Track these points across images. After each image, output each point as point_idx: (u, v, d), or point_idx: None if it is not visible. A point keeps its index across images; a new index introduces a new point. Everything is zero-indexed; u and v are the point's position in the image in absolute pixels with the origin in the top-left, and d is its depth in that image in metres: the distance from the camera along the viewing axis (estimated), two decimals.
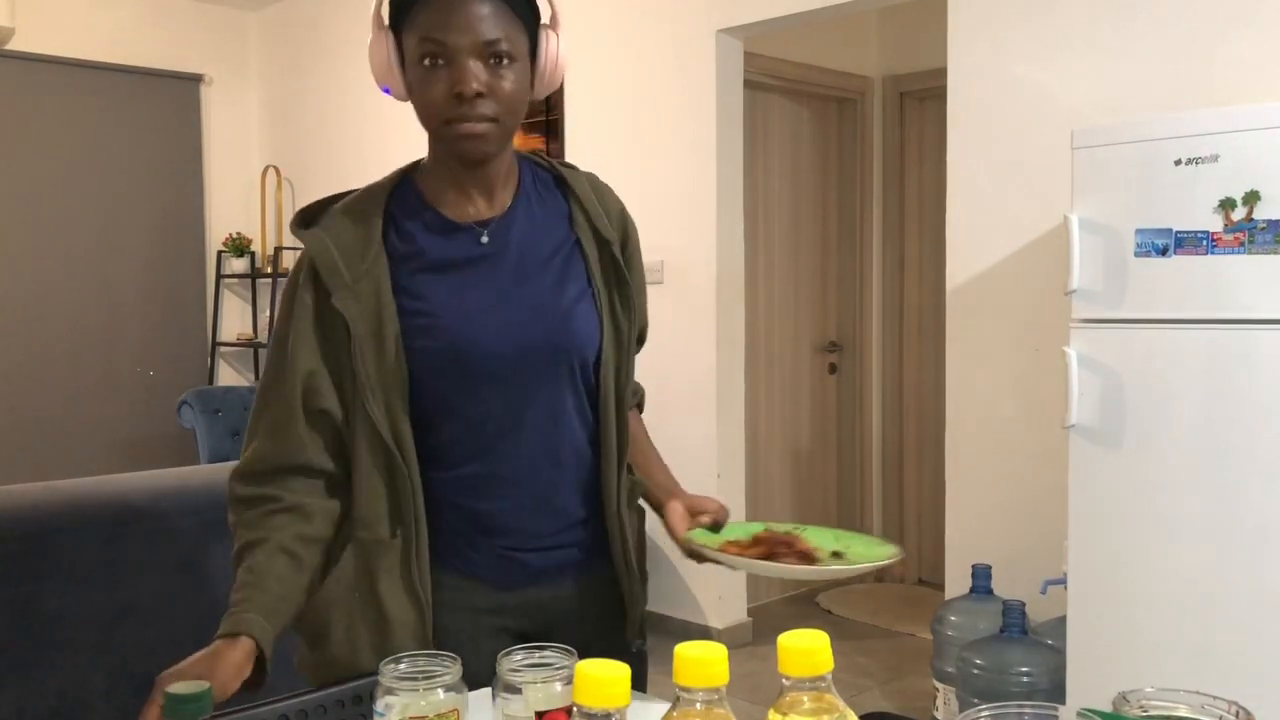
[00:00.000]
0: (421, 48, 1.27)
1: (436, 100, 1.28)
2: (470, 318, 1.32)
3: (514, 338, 1.33)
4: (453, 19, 1.26)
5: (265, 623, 1.25)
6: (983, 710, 0.76)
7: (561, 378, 1.38)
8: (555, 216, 1.42)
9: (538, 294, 1.36)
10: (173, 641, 2.22)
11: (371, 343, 1.30)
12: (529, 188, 1.42)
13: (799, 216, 4.87)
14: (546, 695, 0.98)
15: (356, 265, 1.31)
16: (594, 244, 1.42)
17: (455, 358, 1.31)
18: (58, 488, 2.20)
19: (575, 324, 1.37)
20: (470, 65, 1.26)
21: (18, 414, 5.22)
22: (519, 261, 1.37)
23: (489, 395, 1.34)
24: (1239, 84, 2.80)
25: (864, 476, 5.11)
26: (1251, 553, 2.29)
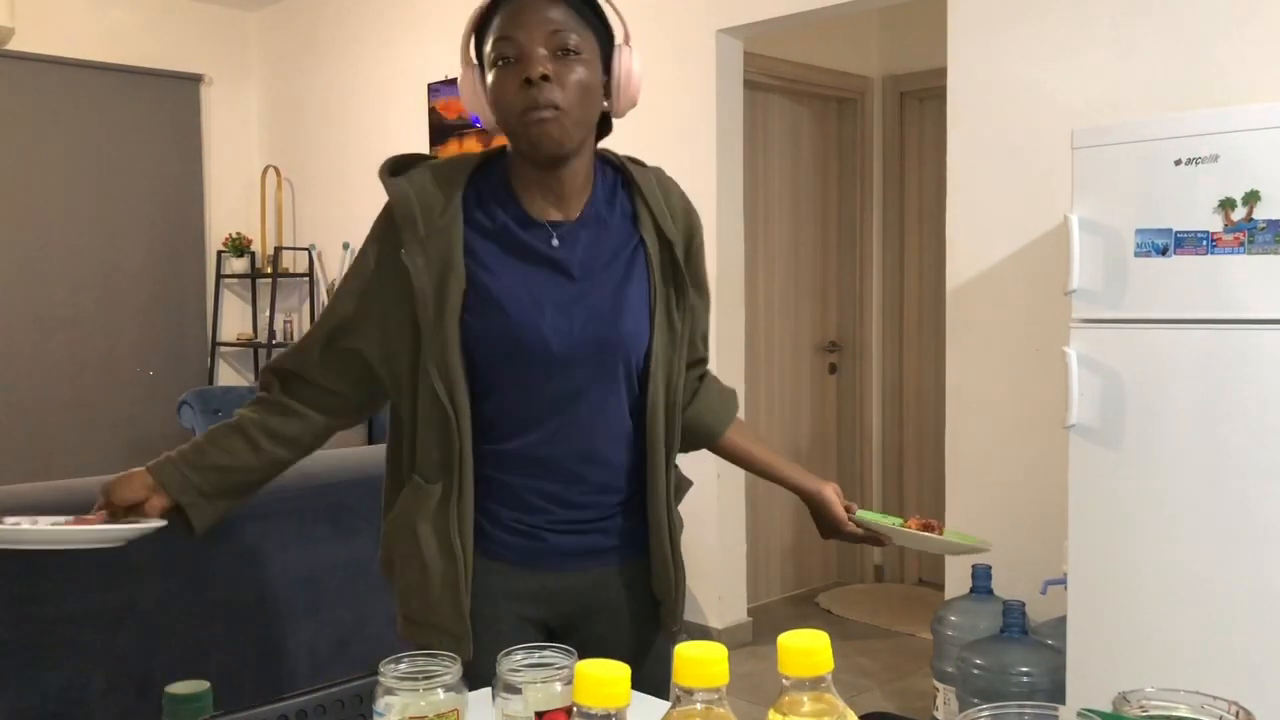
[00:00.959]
0: (495, 50, 1.35)
1: (508, 93, 1.34)
2: (529, 309, 1.37)
3: (567, 337, 1.38)
4: (522, 17, 1.33)
5: (178, 472, 1.46)
6: (983, 710, 0.75)
7: (610, 374, 1.42)
8: (621, 218, 1.46)
9: (595, 299, 1.41)
10: (173, 641, 2.23)
11: (434, 299, 1.35)
12: (600, 194, 1.46)
13: (799, 216, 4.87)
14: (546, 695, 0.98)
15: (434, 220, 1.37)
16: (657, 243, 1.46)
17: (508, 341, 1.37)
18: (58, 488, 2.20)
19: (627, 326, 1.42)
20: (538, 52, 1.32)
21: (18, 414, 5.22)
22: (582, 266, 1.41)
23: (536, 382, 1.39)
24: (1239, 84, 2.80)
25: (864, 476, 5.11)
26: (1252, 552, 2.29)
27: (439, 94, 4.97)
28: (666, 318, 1.45)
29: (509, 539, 1.43)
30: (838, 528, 1.55)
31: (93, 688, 2.13)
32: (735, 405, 1.67)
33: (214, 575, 2.31)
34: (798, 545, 4.92)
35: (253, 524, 2.36)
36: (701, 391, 1.62)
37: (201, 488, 1.46)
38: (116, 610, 2.17)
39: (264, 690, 1.20)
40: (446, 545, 1.39)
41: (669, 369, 1.46)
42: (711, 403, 1.62)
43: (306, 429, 1.49)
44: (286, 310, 5.91)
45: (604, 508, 1.46)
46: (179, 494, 1.45)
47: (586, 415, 1.42)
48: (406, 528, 1.41)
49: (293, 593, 2.43)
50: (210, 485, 1.47)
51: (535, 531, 1.44)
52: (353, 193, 5.54)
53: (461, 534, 1.39)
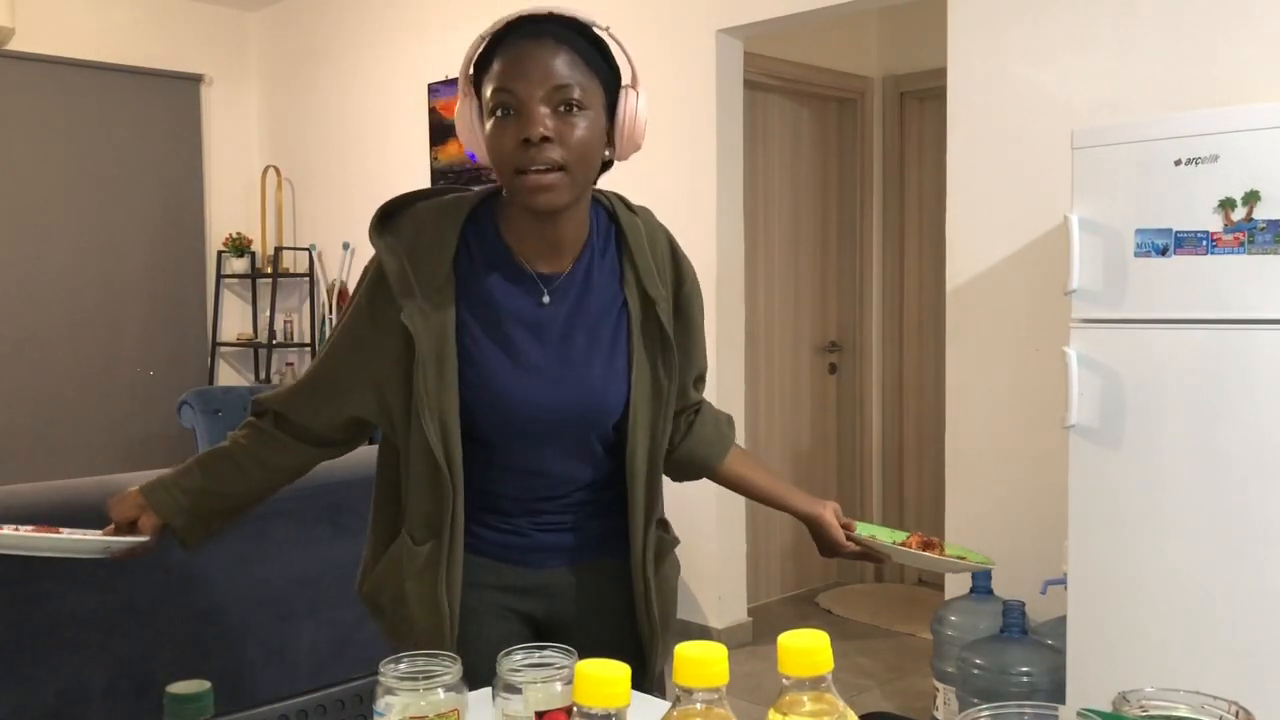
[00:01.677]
0: (494, 99, 1.30)
1: (506, 149, 1.29)
2: (518, 386, 1.37)
3: (554, 411, 1.39)
4: (524, 66, 1.28)
5: (168, 495, 1.48)
6: (983, 710, 0.75)
7: (586, 440, 1.44)
8: (608, 277, 1.44)
9: (578, 365, 1.40)
10: (173, 641, 2.23)
11: (434, 363, 1.34)
12: (594, 244, 1.43)
13: (799, 216, 4.87)
14: (546, 695, 0.98)
15: (428, 283, 1.35)
16: (639, 304, 1.43)
17: (499, 415, 1.38)
18: (58, 488, 2.20)
19: (608, 396, 1.42)
20: (538, 111, 1.27)
21: (18, 414, 5.23)
22: (568, 325, 1.40)
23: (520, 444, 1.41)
24: (1239, 84, 2.80)
25: (864, 476, 5.11)
26: (1251, 552, 2.29)
27: (439, 94, 4.97)
28: (651, 380, 1.43)
29: (491, 535, 1.46)
30: (835, 548, 1.55)
31: (93, 688, 2.13)
32: (731, 434, 1.65)
33: (215, 575, 2.31)
34: (798, 545, 4.92)
35: (252, 524, 2.36)
36: (696, 425, 1.61)
37: (191, 510, 1.48)
38: (116, 610, 2.17)
39: (264, 690, 1.20)
40: (433, 605, 1.39)
41: (651, 431, 1.45)
42: (706, 435, 1.61)
43: (296, 459, 1.51)
44: (286, 310, 5.91)
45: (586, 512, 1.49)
46: (168, 516, 1.48)
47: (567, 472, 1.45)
48: (393, 580, 1.43)
49: (293, 593, 2.43)
50: (199, 508, 1.49)
51: (518, 528, 1.47)
52: (353, 193, 5.54)
53: (450, 593, 1.39)
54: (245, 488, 1.50)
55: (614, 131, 1.36)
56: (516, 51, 1.29)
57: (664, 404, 1.45)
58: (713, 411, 1.65)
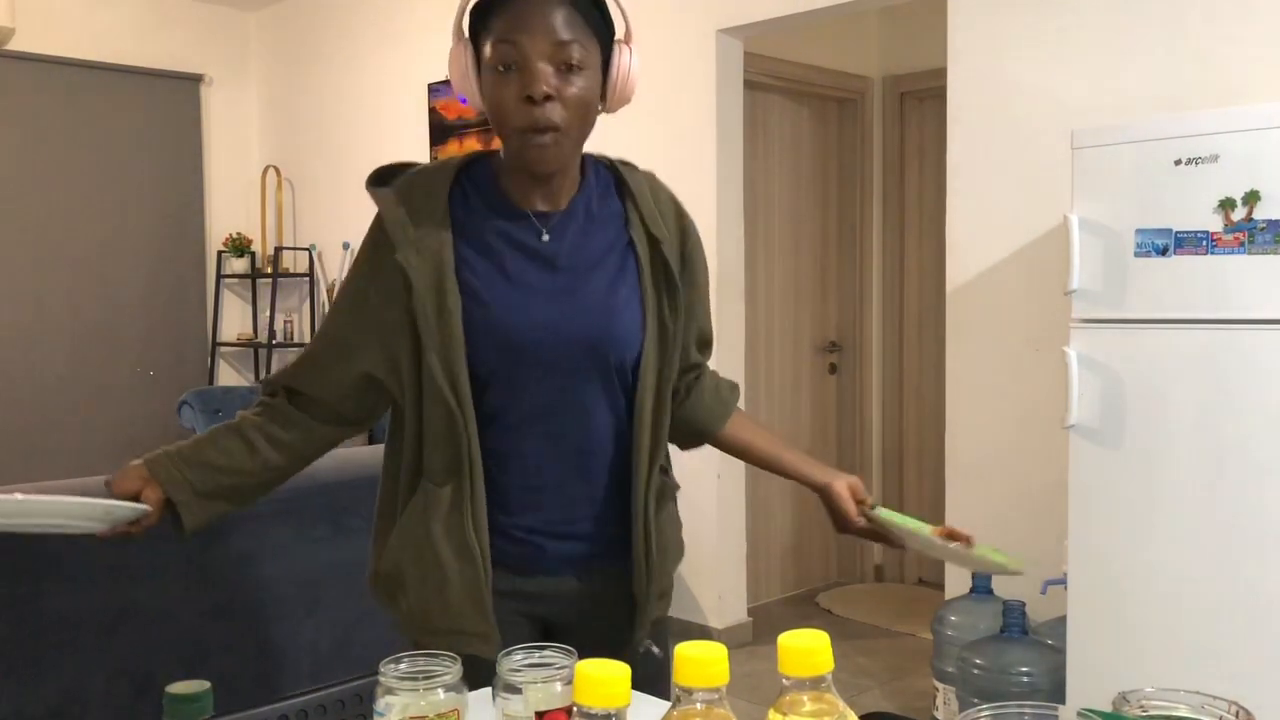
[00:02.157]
0: (495, 52, 1.31)
1: (507, 104, 1.31)
2: (518, 307, 1.37)
3: (557, 332, 1.38)
4: (527, 21, 1.29)
5: (173, 467, 1.43)
6: (983, 710, 0.75)
7: (599, 373, 1.41)
8: (611, 216, 1.45)
9: (586, 293, 1.40)
10: (173, 641, 2.23)
11: (432, 298, 1.34)
12: (590, 186, 1.45)
13: (799, 216, 4.87)
14: (546, 695, 0.98)
15: (424, 223, 1.36)
16: (646, 245, 1.44)
17: (500, 338, 1.37)
18: (57, 487, 2.20)
19: (619, 325, 1.41)
20: (540, 68, 1.29)
21: (18, 413, 5.22)
22: (571, 257, 1.41)
23: (527, 378, 1.39)
24: (1239, 84, 2.80)
25: (864, 476, 5.09)
26: (1251, 552, 2.29)
27: (439, 94, 4.97)
28: (658, 321, 1.43)
29: (508, 547, 1.43)
30: (845, 522, 1.51)
31: (93, 688, 2.13)
32: (734, 399, 1.63)
33: (214, 575, 2.31)
34: (798, 545, 4.92)
35: (252, 524, 2.36)
36: (695, 389, 1.59)
37: (195, 485, 1.43)
38: (116, 610, 2.17)
39: (264, 690, 1.20)
40: (464, 546, 1.37)
41: (659, 374, 1.44)
42: (705, 399, 1.60)
43: (307, 438, 1.48)
44: (286, 310, 5.91)
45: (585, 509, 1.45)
46: (172, 490, 1.42)
47: (576, 414, 1.42)
48: (419, 532, 1.39)
49: (293, 593, 2.43)
50: (203, 484, 1.44)
51: (532, 539, 1.43)
52: (353, 193, 5.53)
53: (478, 533, 1.37)
54: (253, 467, 1.45)
55: (606, 86, 1.38)
56: (520, 5, 1.30)
57: (670, 346, 1.44)
58: (716, 378, 1.63)
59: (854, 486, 1.52)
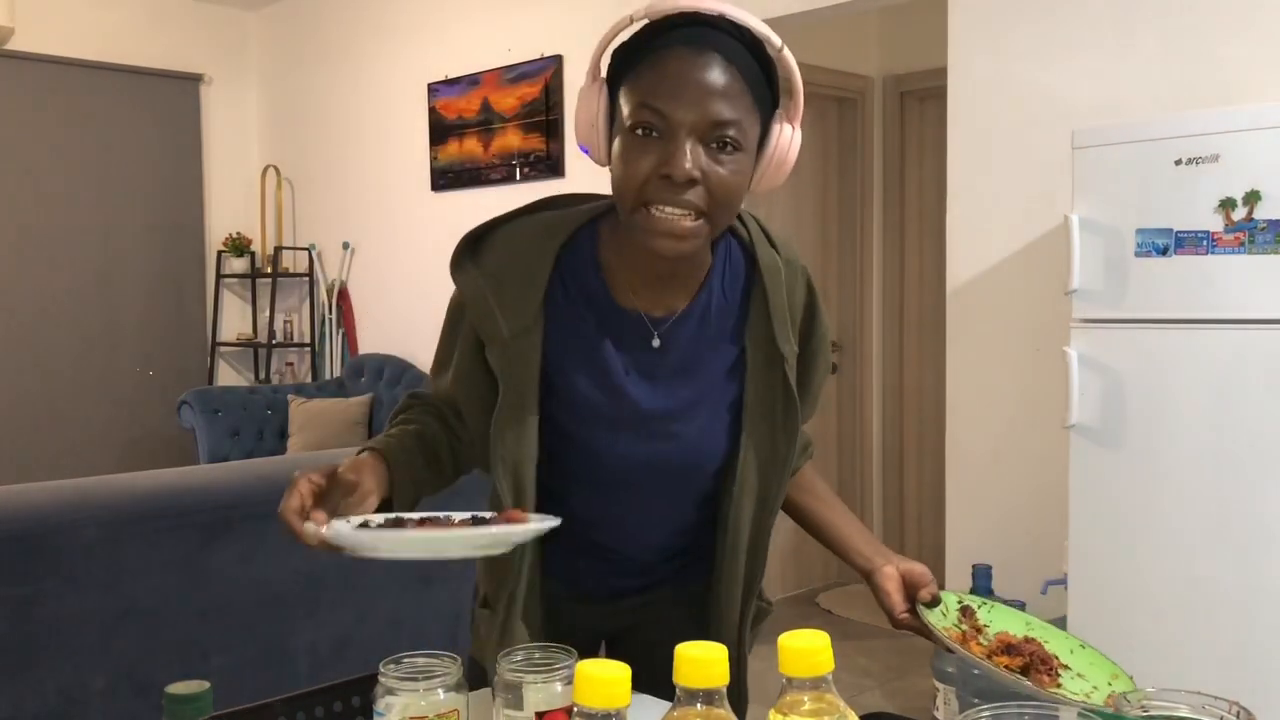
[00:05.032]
0: (637, 114, 1.10)
1: (638, 175, 1.09)
2: (606, 430, 1.23)
3: (643, 461, 1.24)
4: (681, 89, 1.08)
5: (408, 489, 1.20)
6: (983, 710, 0.75)
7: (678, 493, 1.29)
8: (730, 318, 1.25)
9: (685, 422, 1.24)
10: (173, 641, 2.23)
11: (514, 409, 1.20)
12: (715, 282, 1.24)
13: (799, 216, 4.87)
14: (547, 695, 0.98)
15: (515, 319, 1.18)
16: (763, 358, 1.25)
17: (580, 457, 1.25)
18: (58, 488, 2.20)
19: (707, 459, 1.26)
20: (687, 145, 1.08)
21: (18, 414, 5.22)
22: (676, 372, 1.23)
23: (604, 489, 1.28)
24: (1239, 84, 2.80)
25: (864, 476, 5.11)
26: (1252, 552, 2.29)
27: (439, 94, 4.96)
28: (769, 444, 1.25)
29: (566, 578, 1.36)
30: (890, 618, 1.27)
31: (93, 688, 2.13)
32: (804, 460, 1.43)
33: (214, 575, 2.31)
34: (798, 545, 4.92)
35: (253, 524, 2.36)
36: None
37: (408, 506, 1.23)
38: (116, 610, 2.17)
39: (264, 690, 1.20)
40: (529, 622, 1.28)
41: (761, 498, 1.27)
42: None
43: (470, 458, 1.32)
44: (286, 310, 5.91)
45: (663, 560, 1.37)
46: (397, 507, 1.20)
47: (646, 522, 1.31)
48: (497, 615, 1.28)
49: (293, 593, 2.43)
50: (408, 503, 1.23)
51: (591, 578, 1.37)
52: (353, 193, 5.54)
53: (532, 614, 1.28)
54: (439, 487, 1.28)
55: (758, 166, 1.17)
56: (675, 63, 1.09)
57: (780, 470, 1.26)
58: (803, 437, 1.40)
59: (910, 574, 1.26)
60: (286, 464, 2.56)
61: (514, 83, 4.64)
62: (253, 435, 4.97)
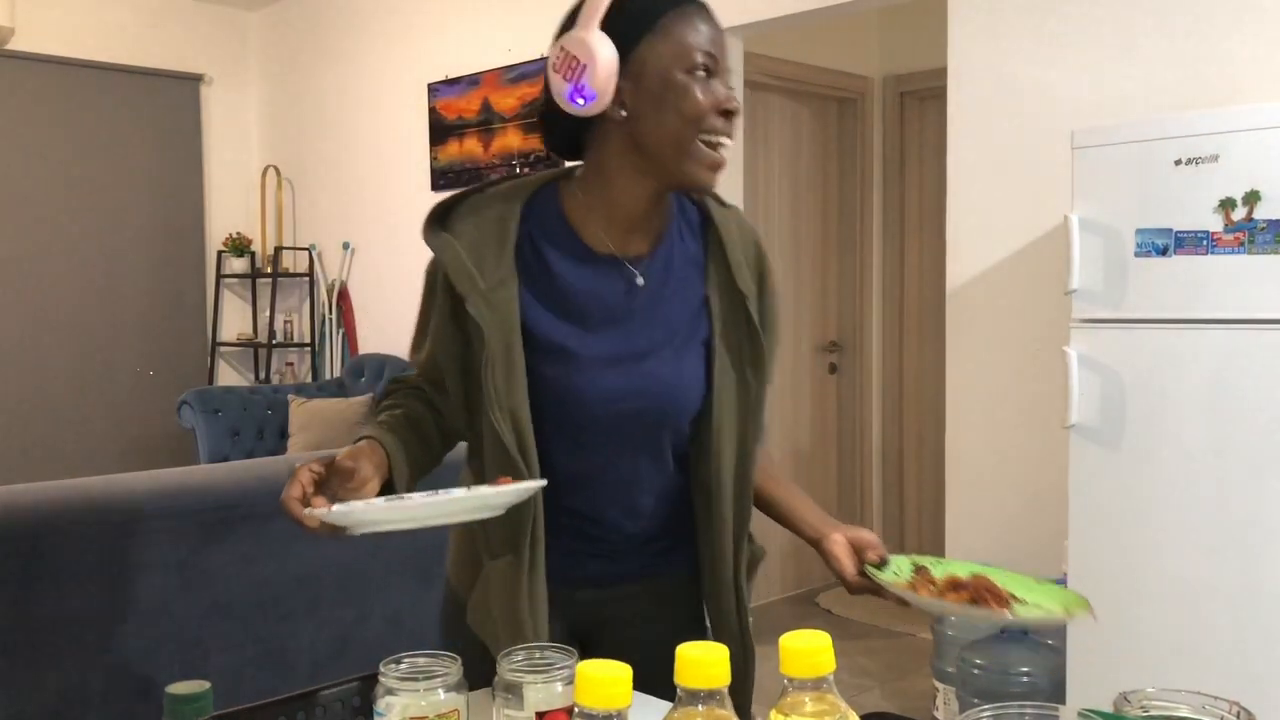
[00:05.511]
0: (690, 58, 1.24)
1: (702, 109, 1.25)
2: (586, 374, 1.29)
3: (623, 403, 1.30)
4: (717, 39, 1.28)
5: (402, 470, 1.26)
6: (983, 710, 0.76)
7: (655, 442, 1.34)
8: (691, 266, 1.35)
9: (659, 359, 1.31)
10: (173, 641, 2.23)
11: (502, 357, 1.25)
12: (675, 230, 1.36)
13: (799, 216, 4.87)
14: (547, 695, 0.98)
15: (491, 273, 1.26)
16: (726, 300, 1.34)
17: (562, 403, 1.29)
18: (58, 487, 2.20)
19: (683, 397, 1.33)
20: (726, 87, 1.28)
21: (18, 414, 5.22)
22: (653, 312, 1.32)
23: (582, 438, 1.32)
24: (1239, 84, 2.80)
25: (864, 476, 5.11)
26: (1252, 552, 2.29)
27: (439, 94, 4.96)
28: (738, 384, 1.33)
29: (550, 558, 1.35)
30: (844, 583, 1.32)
31: (93, 688, 2.13)
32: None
33: (214, 575, 2.31)
34: (798, 545, 4.89)
35: (253, 524, 2.36)
36: None
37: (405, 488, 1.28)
38: (116, 610, 2.17)
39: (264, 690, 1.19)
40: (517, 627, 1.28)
41: (740, 440, 1.33)
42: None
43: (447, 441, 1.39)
44: (286, 310, 5.90)
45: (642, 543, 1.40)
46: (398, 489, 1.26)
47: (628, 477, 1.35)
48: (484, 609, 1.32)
49: (293, 593, 2.43)
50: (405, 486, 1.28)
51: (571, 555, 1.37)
52: (353, 193, 5.54)
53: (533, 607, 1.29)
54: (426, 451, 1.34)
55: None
56: (703, 18, 1.27)
57: (752, 409, 1.33)
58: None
59: (858, 539, 1.32)
60: (286, 464, 2.56)
61: (514, 83, 4.64)
62: (253, 435, 4.97)
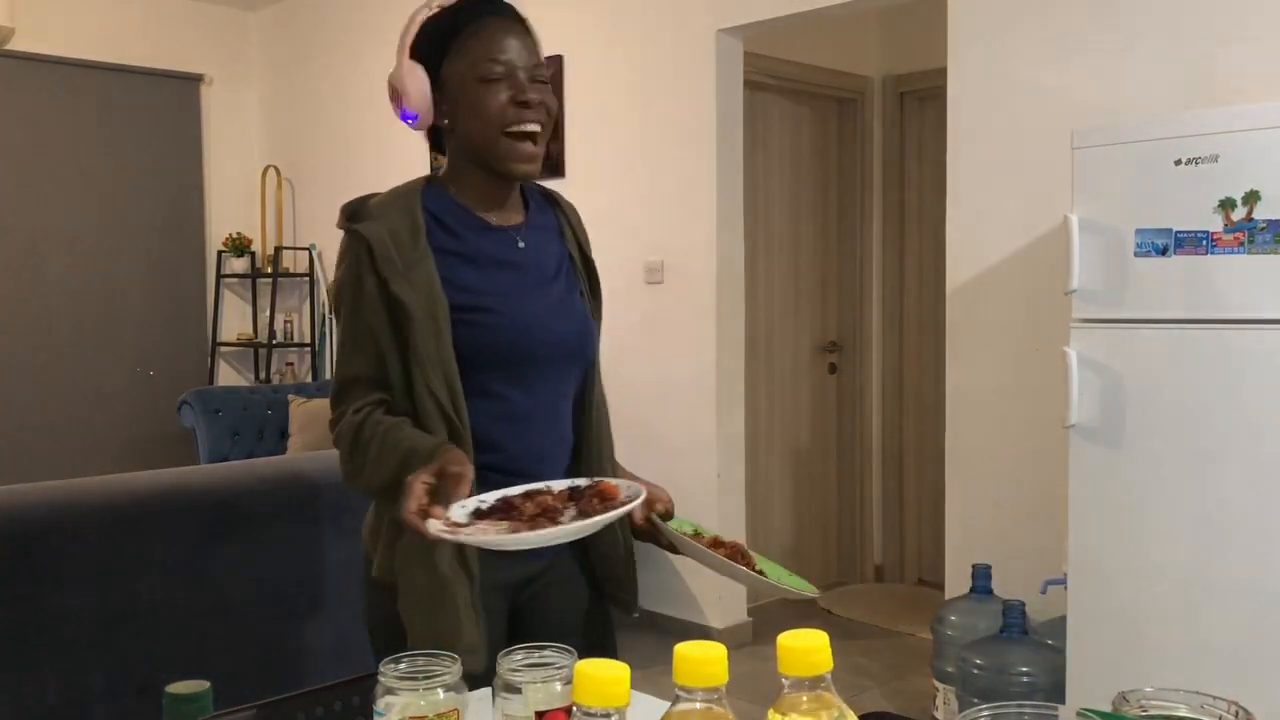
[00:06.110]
0: (481, 68, 1.43)
1: (498, 109, 1.42)
2: (517, 309, 1.47)
3: (550, 330, 1.49)
4: (509, 42, 1.44)
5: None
6: (983, 710, 0.76)
7: (572, 372, 1.54)
8: (551, 230, 1.59)
9: (560, 296, 1.54)
10: (173, 641, 2.23)
11: (430, 325, 1.41)
12: (533, 203, 1.59)
13: (799, 216, 4.87)
14: (546, 695, 0.98)
15: (408, 253, 1.43)
16: (578, 255, 1.60)
17: (506, 343, 1.46)
18: (58, 488, 2.20)
19: (587, 324, 1.56)
20: (526, 80, 1.44)
21: (18, 414, 5.22)
22: (540, 265, 1.53)
23: (515, 381, 1.47)
24: (1239, 84, 2.80)
25: (864, 476, 5.11)
26: (1251, 552, 2.29)
27: None
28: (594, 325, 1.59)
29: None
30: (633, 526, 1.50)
31: (93, 688, 2.14)
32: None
33: (214, 575, 2.31)
34: (798, 545, 4.92)
35: (253, 524, 2.36)
36: None
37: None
38: (116, 610, 2.17)
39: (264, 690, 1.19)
40: (463, 563, 1.39)
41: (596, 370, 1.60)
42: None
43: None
44: (286, 310, 5.91)
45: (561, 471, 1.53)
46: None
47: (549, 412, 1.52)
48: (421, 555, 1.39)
49: (293, 593, 2.43)
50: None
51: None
52: (353, 193, 5.50)
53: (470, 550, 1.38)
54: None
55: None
56: (497, 27, 1.44)
57: (597, 349, 1.60)
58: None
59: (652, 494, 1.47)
60: (286, 464, 2.56)
61: None
62: (253, 435, 4.97)
